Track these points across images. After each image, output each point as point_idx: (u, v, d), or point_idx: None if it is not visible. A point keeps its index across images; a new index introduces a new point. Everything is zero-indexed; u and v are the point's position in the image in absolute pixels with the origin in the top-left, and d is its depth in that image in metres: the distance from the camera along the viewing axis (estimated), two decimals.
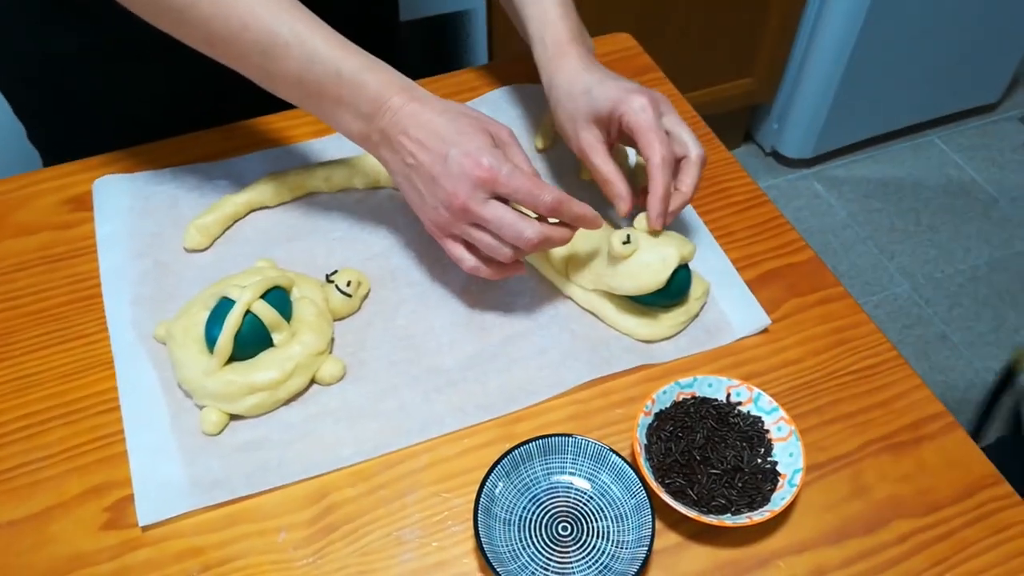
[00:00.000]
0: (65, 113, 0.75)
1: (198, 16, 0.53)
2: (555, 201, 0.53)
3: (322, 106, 0.56)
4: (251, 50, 0.54)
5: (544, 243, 0.54)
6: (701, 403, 0.55)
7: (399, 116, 0.54)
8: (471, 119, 0.55)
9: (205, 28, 0.54)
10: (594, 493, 0.52)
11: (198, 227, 0.64)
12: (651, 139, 0.57)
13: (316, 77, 0.54)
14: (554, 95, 0.62)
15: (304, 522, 0.51)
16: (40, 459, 0.54)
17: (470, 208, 0.53)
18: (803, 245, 0.67)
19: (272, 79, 0.56)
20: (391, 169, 0.57)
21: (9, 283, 0.63)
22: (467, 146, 0.53)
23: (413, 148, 0.54)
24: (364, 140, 0.57)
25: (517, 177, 0.52)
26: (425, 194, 0.55)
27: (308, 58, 0.53)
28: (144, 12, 0.55)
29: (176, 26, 0.55)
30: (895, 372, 0.59)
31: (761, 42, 1.65)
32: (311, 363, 0.57)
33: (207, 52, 0.56)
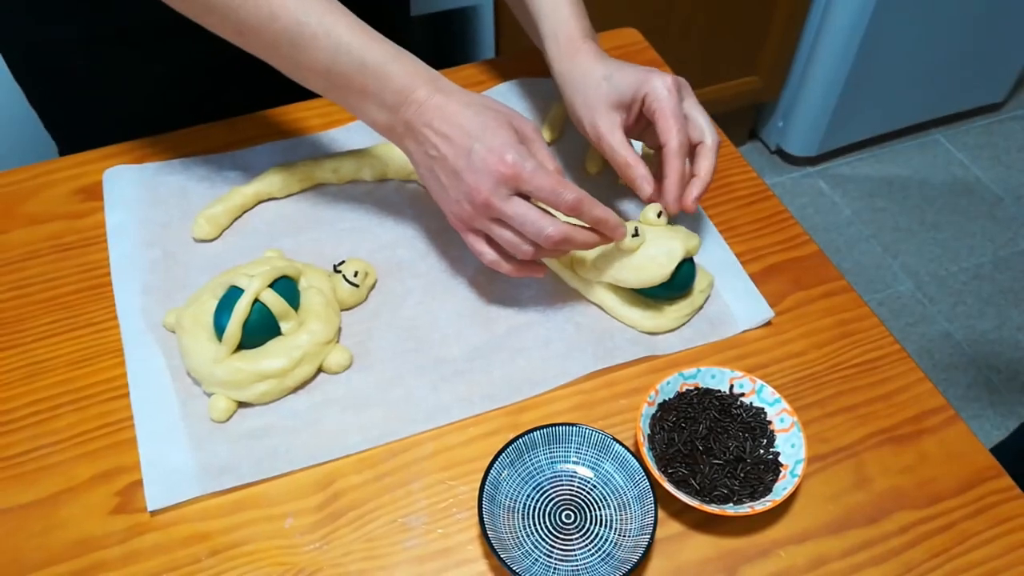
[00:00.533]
0: (74, 101, 0.76)
1: (227, 4, 0.53)
2: (576, 200, 0.53)
3: (348, 97, 0.56)
4: (280, 40, 0.54)
5: (565, 242, 0.54)
6: (704, 394, 0.55)
7: (424, 108, 0.54)
8: (497, 113, 0.54)
9: (235, 17, 0.54)
10: (597, 482, 0.52)
11: (207, 217, 0.65)
12: (671, 124, 0.58)
13: (342, 68, 0.54)
14: (570, 87, 0.62)
15: (311, 508, 0.52)
16: (50, 444, 0.54)
17: (492, 203, 0.53)
18: (807, 239, 0.67)
19: (300, 69, 0.56)
20: (414, 160, 0.57)
21: (20, 271, 0.63)
22: (491, 141, 0.53)
23: (437, 141, 0.54)
24: (389, 131, 0.57)
25: (540, 174, 0.52)
26: (448, 187, 0.55)
27: (335, 48, 0.53)
28: (173, 1, 0.55)
29: (205, 14, 0.55)
30: (898, 365, 0.60)
31: (766, 40, 1.66)
32: (318, 352, 0.57)
33: (236, 42, 0.56)
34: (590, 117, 0.61)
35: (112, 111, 0.75)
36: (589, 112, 0.61)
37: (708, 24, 1.57)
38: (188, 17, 0.56)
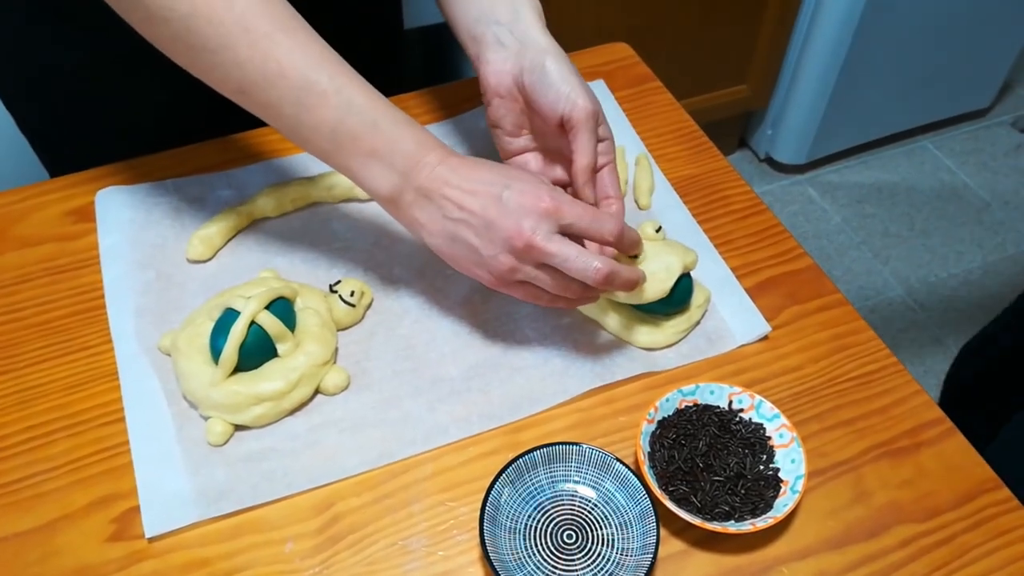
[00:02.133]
0: (67, 126, 0.75)
1: (232, 60, 0.51)
2: (619, 228, 0.53)
3: (352, 160, 0.53)
4: (285, 98, 0.52)
5: (611, 277, 0.52)
6: (703, 410, 0.56)
7: (439, 170, 0.52)
8: (516, 169, 0.54)
9: (239, 73, 0.51)
10: (598, 501, 0.52)
11: (201, 238, 0.65)
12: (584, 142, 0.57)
13: (350, 127, 0.52)
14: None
15: (310, 532, 0.52)
16: (45, 471, 0.54)
17: (535, 243, 0.51)
18: (802, 253, 0.68)
19: (302, 128, 0.53)
20: (428, 231, 0.54)
21: (12, 295, 0.63)
22: (522, 184, 0.51)
23: (459, 197, 0.52)
24: (393, 199, 0.54)
25: (578, 205, 0.52)
26: (479, 246, 0.52)
27: (345, 108, 0.51)
28: (176, 54, 0.53)
29: (208, 70, 0.53)
30: (894, 378, 0.60)
31: (755, 49, 1.67)
32: (315, 373, 0.57)
33: (237, 99, 0.54)
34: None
35: (108, 135, 0.75)
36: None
37: (697, 33, 1.58)
38: (193, 74, 0.54)
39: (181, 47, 0.53)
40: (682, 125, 0.78)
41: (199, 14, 0.50)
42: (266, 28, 0.51)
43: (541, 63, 0.57)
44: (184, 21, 0.51)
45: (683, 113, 0.79)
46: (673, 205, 0.70)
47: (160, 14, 0.51)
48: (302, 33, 0.52)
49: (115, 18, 0.57)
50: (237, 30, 0.50)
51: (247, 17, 0.50)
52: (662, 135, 0.76)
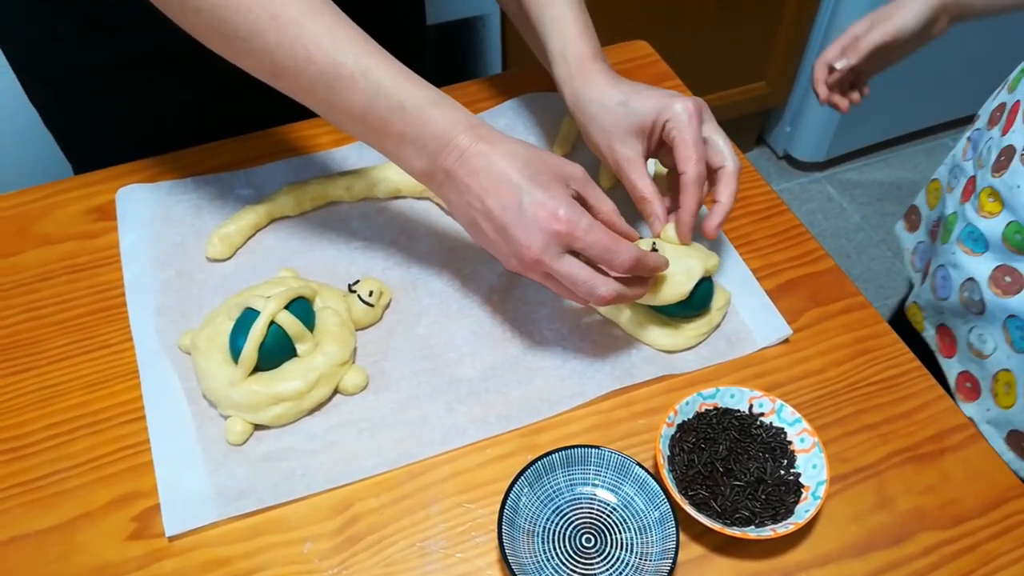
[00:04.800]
0: (92, 124, 0.76)
1: (263, 47, 0.51)
2: (632, 261, 0.52)
3: (385, 142, 0.54)
4: (316, 82, 0.52)
5: (618, 299, 0.53)
6: (723, 414, 0.55)
7: (467, 156, 0.52)
8: (544, 163, 0.52)
9: (270, 59, 0.52)
10: (617, 505, 0.52)
11: (220, 237, 0.65)
12: (690, 152, 0.57)
13: (380, 112, 0.52)
14: (585, 110, 0.60)
15: (329, 532, 0.52)
16: (67, 468, 0.54)
17: (543, 262, 0.51)
18: (823, 254, 0.67)
19: (336, 112, 0.53)
20: (455, 211, 0.55)
21: (34, 293, 0.63)
22: (542, 195, 0.50)
23: (481, 193, 0.52)
24: (427, 178, 0.54)
25: (595, 231, 0.51)
26: (495, 241, 0.53)
27: (372, 92, 0.51)
28: (211, 42, 0.54)
29: (242, 56, 0.53)
30: (917, 383, 0.59)
31: (774, 46, 1.65)
32: (334, 373, 0.57)
33: (272, 83, 0.54)
34: (608, 144, 0.59)
35: (132, 133, 0.75)
36: (607, 139, 0.59)
37: (716, 31, 1.56)
38: (226, 59, 0.55)
39: (215, 36, 0.53)
40: None
41: (229, 4, 0.51)
42: (293, 13, 0.51)
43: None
44: (215, 11, 0.51)
45: None
46: None
47: (192, 5, 0.52)
48: (329, 16, 0.52)
49: (139, 19, 0.57)
50: (265, 17, 0.51)
51: (275, 4, 0.50)
52: None
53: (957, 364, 0.69)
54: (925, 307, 0.70)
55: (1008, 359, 0.64)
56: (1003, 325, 0.63)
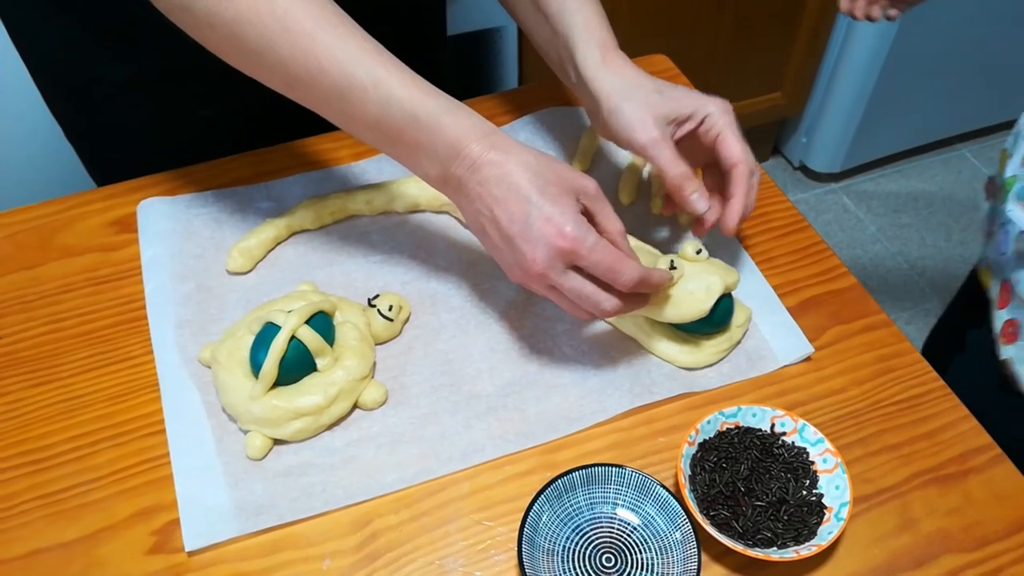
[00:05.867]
0: (113, 137, 0.76)
1: (276, 59, 0.52)
2: (635, 281, 0.52)
3: (400, 150, 0.54)
4: (329, 94, 0.52)
5: (622, 312, 0.54)
6: (745, 433, 0.55)
7: (478, 164, 0.52)
8: (556, 174, 0.52)
9: (283, 71, 0.52)
10: (638, 524, 0.52)
11: (241, 250, 0.65)
12: (739, 145, 0.58)
13: (393, 121, 0.52)
14: (617, 94, 0.59)
15: (348, 549, 0.52)
16: (90, 481, 0.54)
17: (547, 276, 0.51)
18: (845, 272, 0.66)
19: (351, 122, 0.54)
20: (467, 217, 0.55)
21: (56, 304, 0.64)
22: (550, 209, 0.50)
23: (491, 203, 0.52)
24: (442, 184, 0.55)
25: (599, 250, 0.51)
26: (502, 249, 0.53)
27: (385, 102, 0.51)
28: (226, 56, 0.54)
29: (256, 69, 0.54)
30: (941, 403, 0.59)
31: (790, 56, 1.65)
32: (354, 388, 0.57)
33: (288, 95, 0.55)
34: (643, 125, 0.58)
35: (153, 147, 0.76)
36: (642, 121, 0.58)
37: (733, 41, 1.56)
38: (243, 72, 0.55)
39: (229, 50, 0.54)
40: None
41: (242, 19, 0.51)
42: (306, 26, 0.51)
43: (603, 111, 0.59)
44: (229, 26, 0.51)
45: None
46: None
47: (206, 20, 0.52)
48: (342, 27, 0.52)
49: (159, 34, 0.57)
50: (279, 29, 0.51)
51: (288, 17, 0.51)
52: None
53: (1006, 313, 0.69)
54: (992, 265, 0.71)
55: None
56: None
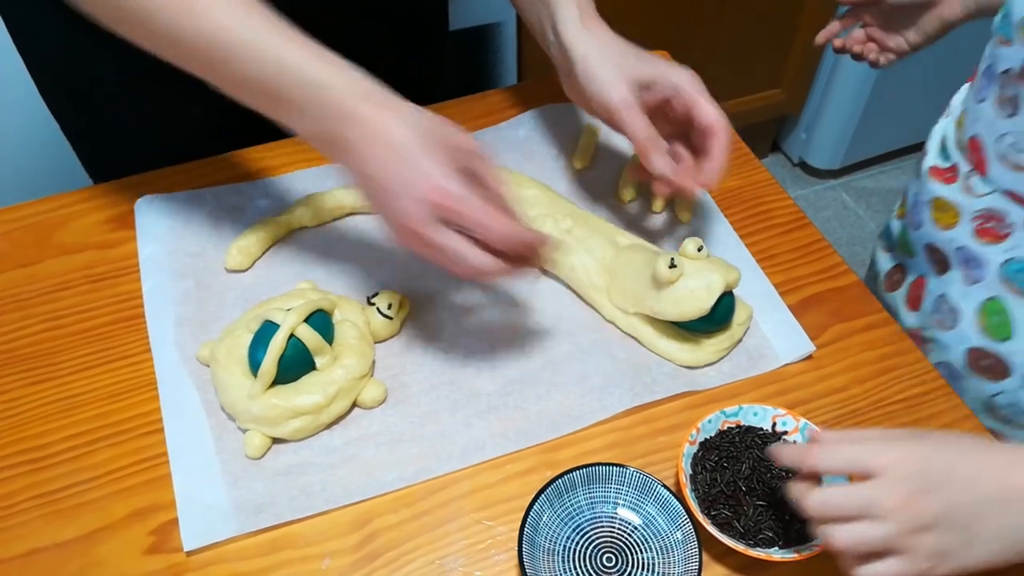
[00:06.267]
0: (113, 137, 0.76)
1: (163, 21, 0.51)
2: (505, 237, 0.51)
3: (280, 110, 0.53)
4: (207, 55, 0.52)
5: (496, 273, 0.52)
6: (746, 432, 0.54)
7: (357, 122, 0.51)
8: (433, 130, 0.52)
9: (167, 34, 0.52)
10: (639, 524, 0.52)
11: (239, 248, 0.65)
12: (711, 104, 0.59)
13: (270, 80, 0.51)
14: (596, 53, 0.60)
15: (348, 548, 0.51)
16: (87, 480, 0.54)
17: (422, 232, 0.51)
18: (846, 269, 0.66)
19: (228, 84, 0.53)
20: (353, 179, 0.54)
21: (53, 302, 0.63)
22: (425, 164, 0.50)
23: (372, 159, 0.51)
24: (324, 144, 0.54)
25: (470, 205, 0.50)
26: (383, 209, 0.53)
27: (261, 59, 0.51)
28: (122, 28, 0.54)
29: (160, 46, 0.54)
30: (942, 401, 0.59)
31: (790, 53, 1.64)
32: (353, 387, 0.57)
33: (176, 61, 0.54)
34: (616, 88, 0.59)
35: (147, 143, 0.75)
36: (615, 83, 0.59)
37: (733, 38, 1.55)
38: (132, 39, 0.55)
39: (142, 32, 0.54)
40: None
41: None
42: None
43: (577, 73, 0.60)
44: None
45: None
46: (714, 219, 0.69)
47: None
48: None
49: None
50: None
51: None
52: None
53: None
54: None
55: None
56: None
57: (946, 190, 0.63)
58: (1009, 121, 0.55)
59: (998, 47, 0.56)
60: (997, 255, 0.59)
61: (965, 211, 0.61)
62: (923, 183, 0.66)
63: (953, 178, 0.62)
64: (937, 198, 0.64)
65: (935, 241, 0.64)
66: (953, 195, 0.62)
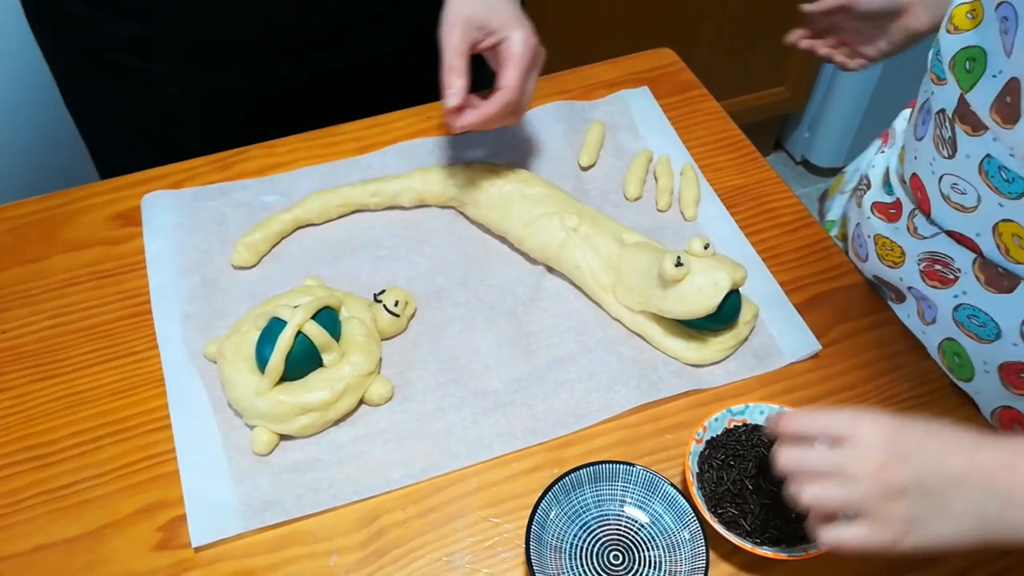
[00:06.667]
0: (124, 128, 0.76)
1: None
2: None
3: None
4: None
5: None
6: (753, 431, 0.54)
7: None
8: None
9: None
10: (646, 522, 0.52)
11: (246, 244, 0.65)
12: (512, 72, 0.60)
13: None
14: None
15: (355, 545, 0.52)
16: (93, 477, 0.54)
17: None
18: (851, 268, 0.66)
19: None
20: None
21: (60, 298, 0.63)
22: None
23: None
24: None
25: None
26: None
27: None
28: None
29: None
30: (949, 400, 0.59)
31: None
32: (360, 384, 0.57)
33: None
34: (457, 17, 0.60)
35: (157, 140, 0.76)
36: (456, 14, 0.60)
37: (736, 36, 1.55)
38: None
39: None
40: (728, 134, 0.76)
41: None
42: None
43: None
44: None
45: (729, 122, 0.78)
46: (720, 217, 0.69)
47: None
48: None
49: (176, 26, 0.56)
50: None
51: None
52: (708, 144, 0.75)
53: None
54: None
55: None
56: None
57: (889, 230, 0.60)
58: (948, 162, 0.52)
59: (932, 84, 0.53)
60: (947, 299, 0.56)
61: (910, 253, 0.58)
62: (865, 216, 0.63)
63: (897, 215, 0.58)
64: (880, 235, 0.60)
65: (883, 276, 0.62)
66: (897, 236, 0.59)
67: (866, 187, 0.66)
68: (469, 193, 0.67)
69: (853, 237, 0.67)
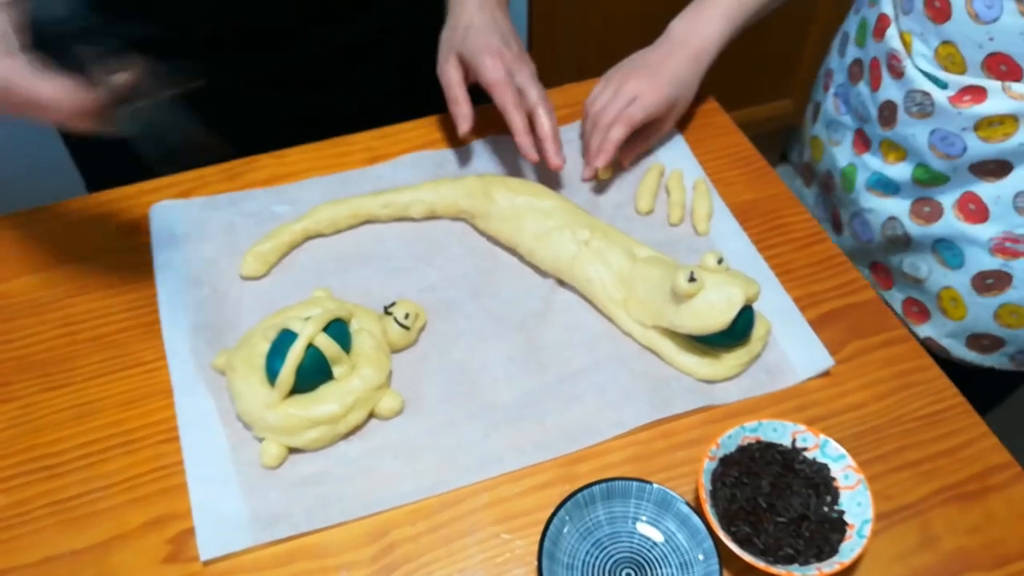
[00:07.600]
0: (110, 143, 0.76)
1: None
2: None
3: None
4: None
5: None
6: (766, 448, 0.54)
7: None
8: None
9: None
10: (659, 540, 0.51)
11: (255, 255, 0.64)
12: (504, 92, 0.66)
13: None
14: (449, 22, 0.70)
15: (365, 560, 0.51)
16: (101, 488, 0.54)
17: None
18: (864, 284, 0.66)
19: None
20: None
21: (68, 308, 0.63)
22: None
23: None
24: None
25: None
26: None
27: None
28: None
29: None
30: (961, 419, 0.58)
31: (799, 63, 1.64)
32: (370, 397, 0.56)
33: None
34: (445, 56, 0.69)
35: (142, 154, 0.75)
36: (445, 54, 0.69)
37: (742, 48, 1.55)
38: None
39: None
40: (740, 148, 0.76)
41: None
42: None
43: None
44: None
45: (741, 136, 0.77)
46: (732, 232, 0.69)
47: None
48: None
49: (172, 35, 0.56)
50: None
51: None
52: (720, 158, 0.75)
53: (899, 293, 0.75)
54: (851, 254, 0.75)
55: (945, 277, 0.69)
56: (932, 249, 0.69)
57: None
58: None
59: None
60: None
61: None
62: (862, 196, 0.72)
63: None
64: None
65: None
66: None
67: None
68: (480, 205, 0.67)
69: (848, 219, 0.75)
